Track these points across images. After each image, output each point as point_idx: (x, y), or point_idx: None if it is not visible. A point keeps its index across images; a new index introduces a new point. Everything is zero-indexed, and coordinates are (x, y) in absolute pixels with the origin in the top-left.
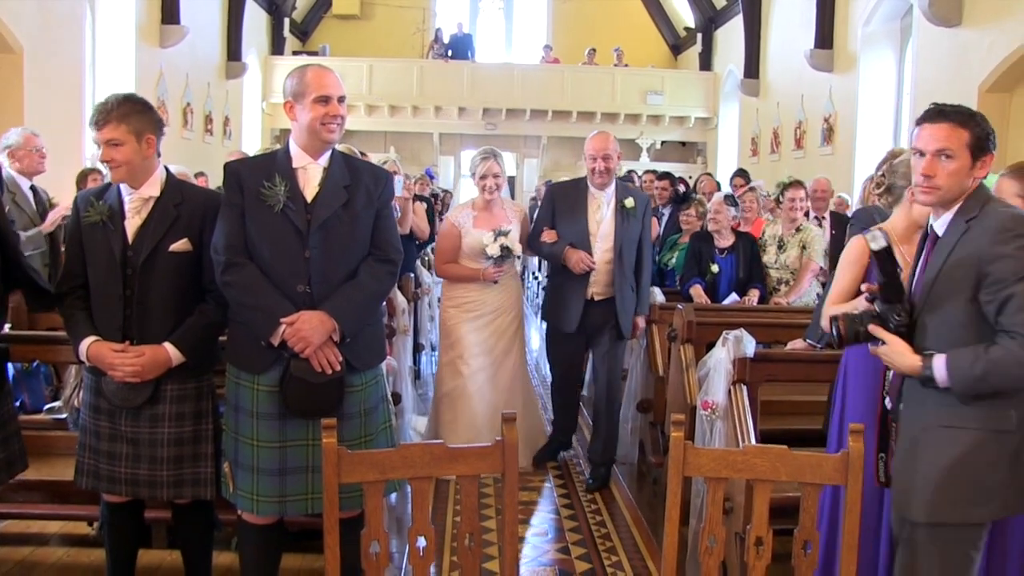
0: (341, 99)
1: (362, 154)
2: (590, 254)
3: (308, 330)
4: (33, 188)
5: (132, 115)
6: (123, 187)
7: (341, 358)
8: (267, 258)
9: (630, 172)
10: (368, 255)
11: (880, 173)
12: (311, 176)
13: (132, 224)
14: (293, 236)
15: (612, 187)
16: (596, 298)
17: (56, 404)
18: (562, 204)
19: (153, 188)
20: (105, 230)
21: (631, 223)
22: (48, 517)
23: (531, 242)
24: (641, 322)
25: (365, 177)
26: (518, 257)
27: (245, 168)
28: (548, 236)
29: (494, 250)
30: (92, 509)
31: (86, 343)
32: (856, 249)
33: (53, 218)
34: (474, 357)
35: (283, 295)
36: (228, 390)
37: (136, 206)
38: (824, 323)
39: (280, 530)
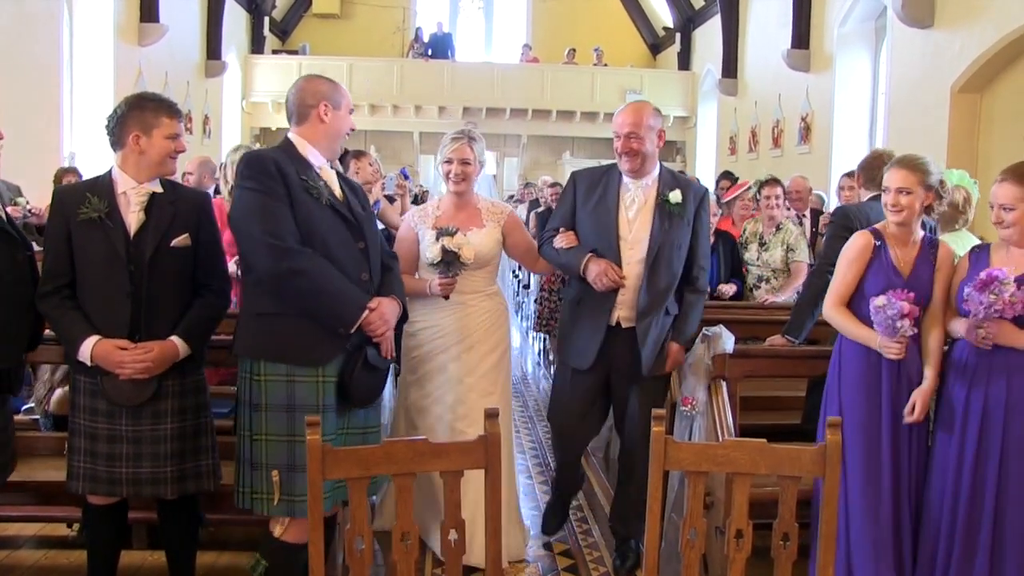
0: None
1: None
2: (619, 265)
3: (389, 313)
4: None
5: None
6: (120, 181)
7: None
8: (332, 249)
9: None
10: None
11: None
12: (327, 176)
13: (133, 220)
14: (345, 228)
15: (654, 176)
16: (624, 324)
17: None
18: (586, 197)
19: (156, 184)
20: (104, 227)
21: (675, 224)
22: (27, 519)
23: (542, 247)
24: (680, 354)
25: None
26: (465, 265)
27: (282, 158)
28: (564, 239)
29: (434, 253)
30: (72, 510)
31: (89, 343)
32: (857, 246)
33: None
34: (429, 409)
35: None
36: (272, 392)
37: (141, 200)
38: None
39: None
